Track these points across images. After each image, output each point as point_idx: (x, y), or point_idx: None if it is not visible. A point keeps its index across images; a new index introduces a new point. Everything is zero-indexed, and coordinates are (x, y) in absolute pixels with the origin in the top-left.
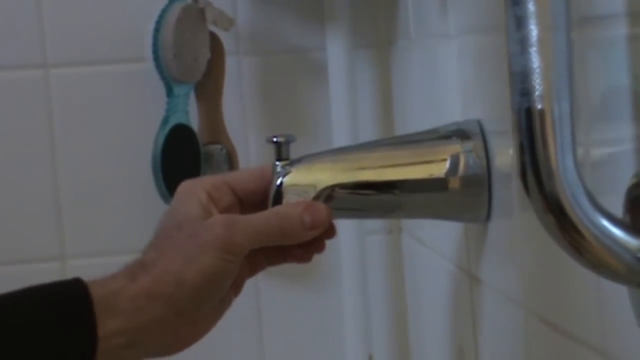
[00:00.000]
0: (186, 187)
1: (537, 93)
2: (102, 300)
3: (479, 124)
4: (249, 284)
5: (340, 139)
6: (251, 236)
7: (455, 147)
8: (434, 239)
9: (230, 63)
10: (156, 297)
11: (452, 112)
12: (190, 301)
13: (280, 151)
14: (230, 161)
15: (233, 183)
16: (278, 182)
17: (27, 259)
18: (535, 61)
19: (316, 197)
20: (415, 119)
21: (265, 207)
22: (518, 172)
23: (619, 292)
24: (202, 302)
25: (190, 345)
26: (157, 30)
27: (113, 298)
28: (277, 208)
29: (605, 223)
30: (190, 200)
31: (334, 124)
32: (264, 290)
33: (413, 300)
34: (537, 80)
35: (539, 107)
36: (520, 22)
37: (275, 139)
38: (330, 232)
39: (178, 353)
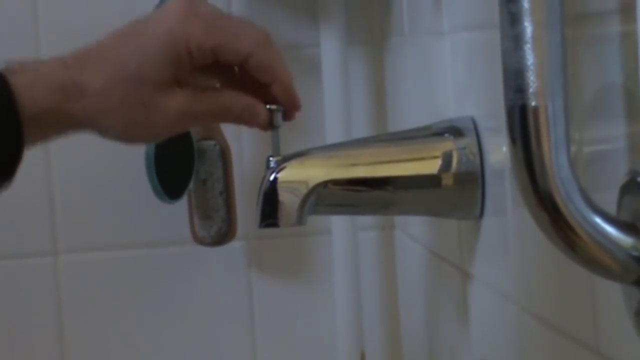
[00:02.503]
0: (172, 29)
1: (531, 90)
2: (31, 117)
3: (473, 120)
4: (241, 279)
5: (334, 135)
6: (194, 124)
7: (449, 144)
8: (427, 236)
9: None
10: (80, 125)
11: (446, 109)
12: (110, 139)
13: (272, 119)
14: (224, 157)
15: (220, 52)
16: (272, 177)
17: (19, 254)
18: (530, 58)
19: (309, 193)
20: (408, 115)
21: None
22: (511, 169)
23: (612, 290)
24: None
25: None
26: None
27: (43, 116)
28: (225, 98)
29: (599, 220)
30: (167, 50)
31: (327, 120)
32: (256, 286)
33: (406, 297)
34: (531, 77)
35: (533, 104)
36: (514, 19)
37: (267, 107)
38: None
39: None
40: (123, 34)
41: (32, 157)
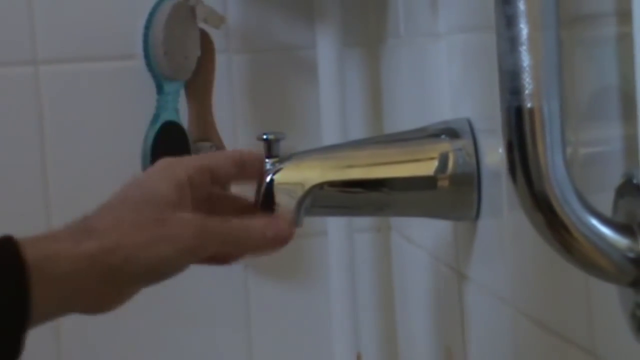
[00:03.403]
0: (166, 164)
1: (526, 92)
2: (38, 264)
3: (469, 122)
4: (237, 281)
5: (330, 137)
6: (216, 243)
7: (445, 145)
8: (423, 237)
9: (220, 61)
10: (99, 265)
11: (442, 111)
12: (133, 279)
13: (270, 149)
14: None
15: (215, 168)
16: (268, 179)
17: None
18: (525, 60)
19: (305, 195)
20: (404, 117)
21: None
22: (507, 171)
23: (607, 291)
24: (144, 284)
25: (113, 309)
26: (147, 27)
27: (50, 261)
28: (245, 220)
29: (594, 222)
30: (167, 179)
31: (323, 121)
32: (253, 287)
33: (401, 298)
34: (527, 79)
35: (529, 105)
36: (510, 21)
37: (265, 137)
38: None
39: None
40: (124, 185)
41: (29, 160)
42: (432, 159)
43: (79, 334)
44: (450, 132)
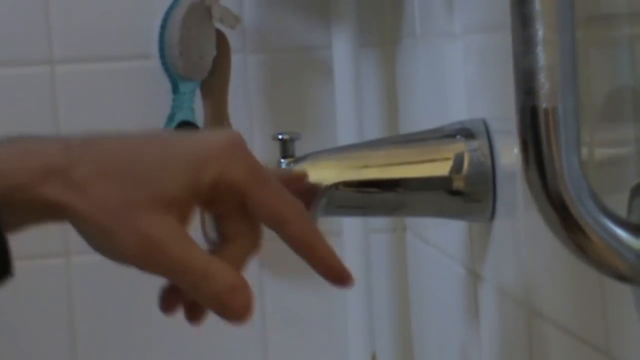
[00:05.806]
0: (208, 156)
1: (542, 92)
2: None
3: (484, 122)
4: (253, 281)
5: (345, 137)
6: (158, 269)
7: (460, 145)
8: (438, 238)
9: (236, 60)
10: (57, 212)
11: (457, 111)
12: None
13: (286, 148)
14: None
15: (257, 203)
16: None
17: (31, 254)
18: (541, 60)
19: (321, 195)
20: (420, 117)
21: None
22: (522, 171)
23: (622, 292)
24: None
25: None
26: (163, 27)
27: (13, 195)
28: (210, 263)
29: (609, 222)
30: (193, 171)
31: (339, 121)
32: (268, 287)
33: (417, 298)
34: (542, 79)
35: (544, 106)
36: (526, 21)
37: (280, 137)
38: None
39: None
40: (153, 133)
41: None
42: (447, 159)
43: (93, 335)
44: (465, 132)
